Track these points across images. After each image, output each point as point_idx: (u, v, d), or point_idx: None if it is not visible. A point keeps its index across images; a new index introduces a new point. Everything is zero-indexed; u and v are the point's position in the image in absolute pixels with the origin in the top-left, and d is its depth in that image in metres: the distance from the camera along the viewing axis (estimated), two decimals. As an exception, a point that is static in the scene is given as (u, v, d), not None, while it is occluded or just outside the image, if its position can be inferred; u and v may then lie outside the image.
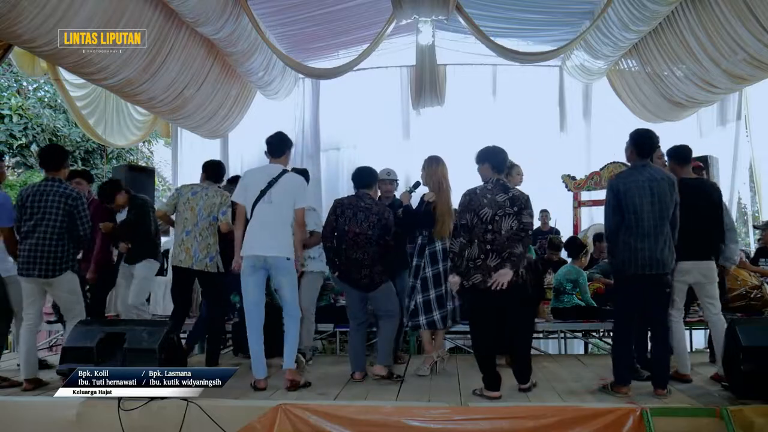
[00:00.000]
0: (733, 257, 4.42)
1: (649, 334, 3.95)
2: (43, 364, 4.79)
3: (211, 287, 4.65)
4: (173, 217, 4.65)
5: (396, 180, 4.98)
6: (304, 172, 4.60)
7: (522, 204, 3.74)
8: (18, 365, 4.46)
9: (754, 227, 7.13)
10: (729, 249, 4.30)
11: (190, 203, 4.49)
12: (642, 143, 3.81)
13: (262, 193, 4.01)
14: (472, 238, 3.78)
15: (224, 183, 5.10)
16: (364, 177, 4.36)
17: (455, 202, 4.40)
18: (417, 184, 4.59)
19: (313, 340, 5.19)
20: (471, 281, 3.74)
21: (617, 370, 3.82)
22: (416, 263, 4.40)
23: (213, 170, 4.75)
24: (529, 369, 3.91)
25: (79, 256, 4.59)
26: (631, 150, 3.84)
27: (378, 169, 4.64)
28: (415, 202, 4.57)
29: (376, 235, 4.15)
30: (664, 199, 3.66)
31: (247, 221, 4.08)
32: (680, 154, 4.17)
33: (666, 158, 4.25)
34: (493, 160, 3.85)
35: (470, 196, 3.83)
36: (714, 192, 4.16)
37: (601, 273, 6.12)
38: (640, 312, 3.85)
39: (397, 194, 4.98)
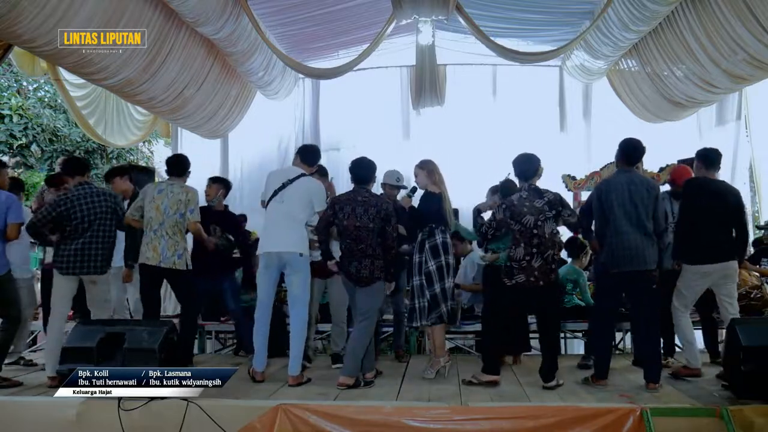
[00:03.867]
0: None
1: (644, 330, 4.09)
2: (30, 363, 4.86)
3: (181, 286, 4.54)
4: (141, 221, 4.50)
5: (405, 187, 4.90)
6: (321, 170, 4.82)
7: (559, 205, 4.00)
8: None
9: (757, 227, 7.14)
10: None
11: (155, 201, 4.38)
12: (629, 152, 4.10)
13: (275, 192, 4.17)
14: (518, 240, 3.96)
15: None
16: (362, 171, 4.26)
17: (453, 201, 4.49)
18: (414, 189, 4.58)
19: (313, 340, 5.19)
20: (514, 280, 3.95)
21: (596, 364, 4.06)
22: (417, 260, 4.34)
23: (174, 165, 4.61)
24: (555, 367, 4.01)
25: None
26: (620, 157, 4.14)
27: (379, 167, 4.61)
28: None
29: (377, 227, 4.09)
30: (641, 202, 3.90)
31: None
32: (707, 157, 4.23)
33: (695, 160, 4.32)
34: (516, 167, 4.11)
35: (510, 208, 4.01)
36: (731, 195, 4.16)
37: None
38: (634, 307, 4.10)
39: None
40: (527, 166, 4.08)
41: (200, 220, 4.52)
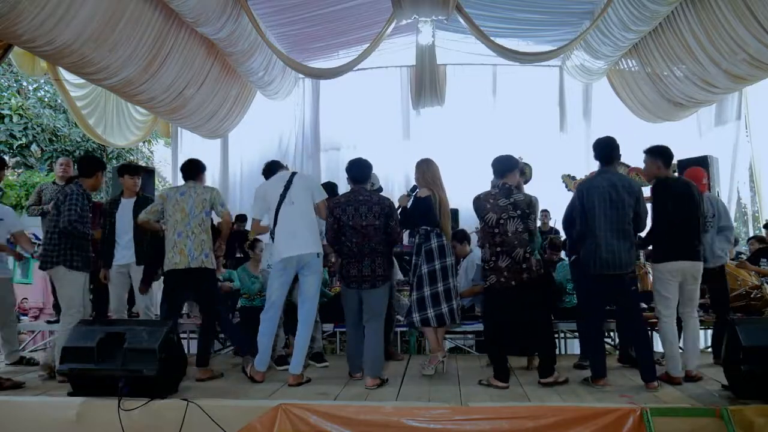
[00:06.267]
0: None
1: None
2: (32, 362, 4.87)
3: (206, 286, 4.49)
4: (159, 224, 4.49)
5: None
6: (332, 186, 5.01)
7: (526, 208, 3.98)
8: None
9: (764, 227, 7.13)
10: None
11: (180, 204, 4.37)
12: (605, 152, 4.06)
13: (282, 197, 4.17)
14: (483, 241, 4.02)
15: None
16: (358, 171, 4.29)
17: (453, 201, 4.48)
18: (415, 188, 4.57)
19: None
20: (488, 282, 3.98)
21: (592, 364, 4.07)
22: (414, 261, 4.33)
23: (191, 170, 4.59)
24: (551, 363, 4.02)
25: None
26: (597, 158, 4.11)
27: (379, 167, 4.64)
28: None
29: (383, 225, 4.15)
30: (622, 205, 3.87)
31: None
32: (664, 154, 4.19)
33: (645, 156, 4.27)
34: (493, 166, 4.17)
35: (476, 202, 4.07)
36: (688, 189, 4.10)
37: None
38: (617, 309, 4.14)
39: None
40: (501, 164, 4.13)
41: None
